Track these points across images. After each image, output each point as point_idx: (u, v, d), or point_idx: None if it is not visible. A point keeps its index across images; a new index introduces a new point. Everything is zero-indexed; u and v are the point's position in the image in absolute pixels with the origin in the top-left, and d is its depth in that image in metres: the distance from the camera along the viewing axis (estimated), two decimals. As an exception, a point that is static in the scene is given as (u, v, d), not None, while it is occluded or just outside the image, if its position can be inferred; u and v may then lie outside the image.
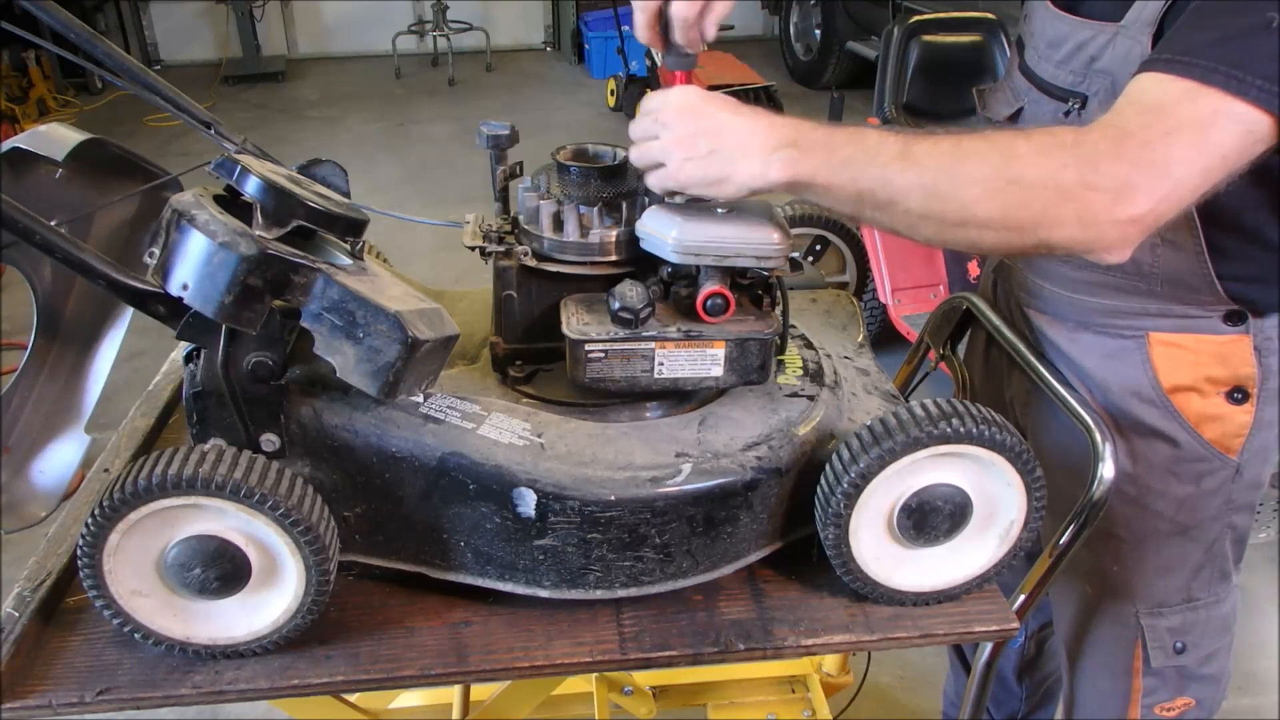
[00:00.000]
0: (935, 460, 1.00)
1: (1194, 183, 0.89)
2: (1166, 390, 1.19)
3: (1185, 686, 1.35)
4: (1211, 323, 1.16)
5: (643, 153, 1.01)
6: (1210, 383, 1.18)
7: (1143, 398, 1.21)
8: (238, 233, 0.88)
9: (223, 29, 7.53)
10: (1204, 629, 1.32)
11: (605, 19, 6.93)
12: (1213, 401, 1.18)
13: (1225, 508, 1.25)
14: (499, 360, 1.12)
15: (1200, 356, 1.17)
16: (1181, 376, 1.18)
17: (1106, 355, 1.22)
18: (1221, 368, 1.17)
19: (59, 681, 0.97)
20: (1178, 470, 1.23)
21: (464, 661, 1.01)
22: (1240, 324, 1.15)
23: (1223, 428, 1.19)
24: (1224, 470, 1.22)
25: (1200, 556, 1.28)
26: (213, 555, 0.93)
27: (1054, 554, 1.21)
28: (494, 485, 0.98)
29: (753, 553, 1.08)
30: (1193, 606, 1.31)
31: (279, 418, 0.99)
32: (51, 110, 6.42)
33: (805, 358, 1.20)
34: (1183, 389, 1.19)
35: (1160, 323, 1.18)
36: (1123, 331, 1.20)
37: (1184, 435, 1.20)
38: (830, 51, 6.55)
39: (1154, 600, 1.31)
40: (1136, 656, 1.33)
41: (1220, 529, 1.27)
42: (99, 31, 1.13)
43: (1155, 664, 1.33)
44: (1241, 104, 0.87)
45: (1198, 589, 1.30)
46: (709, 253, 1.00)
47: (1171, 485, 1.24)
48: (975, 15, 3.18)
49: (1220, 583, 1.31)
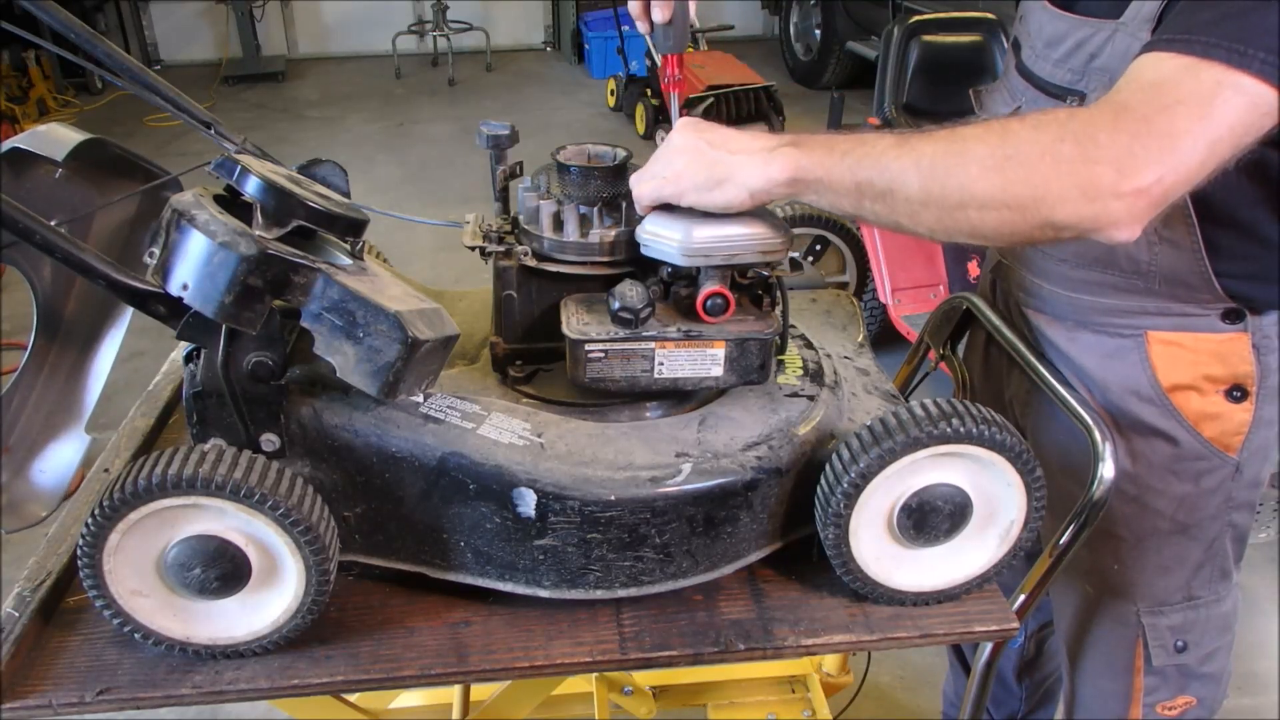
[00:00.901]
0: (935, 460, 1.00)
1: (1200, 155, 0.87)
2: (1165, 389, 1.19)
3: (1186, 685, 1.36)
4: (1210, 321, 1.16)
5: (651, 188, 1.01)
6: (1209, 381, 1.18)
7: (1142, 396, 1.21)
8: (238, 233, 0.88)
9: (223, 29, 7.53)
10: (1205, 627, 1.32)
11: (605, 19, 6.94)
12: (1212, 400, 1.18)
13: (1225, 506, 1.25)
14: (499, 360, 1.12)
15: (1199, 355, 1.17)
16: (1180, 375, 1.18)
17: (1105, 354, 1.22)
18: (1220, 366, 1.17)
19: (59, 681, 0.97)
20: (1177, 469, 1.23)
21: (464, 661, 1.01)
22: (1239, 322, 1.15)
23: (1222, 426, 1.19)
24: (1223, 469, 1.22)
25: (1200, 555, 1.28)
26: (213, 555, 0.93)
27: (1054, 554, 1.21)
28: (494, 485, 0.98)
29: (753, 553, 1.08)
30: (1193, 605, 1.31)
31: (279, 418, 0.99)
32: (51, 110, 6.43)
33: (805, 358, 1.20)
34: (1182, 388, 1.19)
35: (1159, 321, 1.18)
36: (1121, 330, 1.20)
37: (1183, 434, 1.20)
38: (830, 51, 6.56)
39: (1155, 599, 1.31)
40: (1137, 655, 1.34)
41: (1220, 527, 1.27)
42: (99, 31, 1.13)
43: (1156, 663, 1.33)
44: (1244, 76, 0.85)
45: (1198, 587, 1.30)
46: (716, 253, 1.00)
47: (1171, 484, 1.24)
48: (975, 15, 3.18)
49: (1221, 581, 1.31)
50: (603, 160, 1.10)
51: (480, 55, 7.79)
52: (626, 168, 1.09)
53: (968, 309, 1.42)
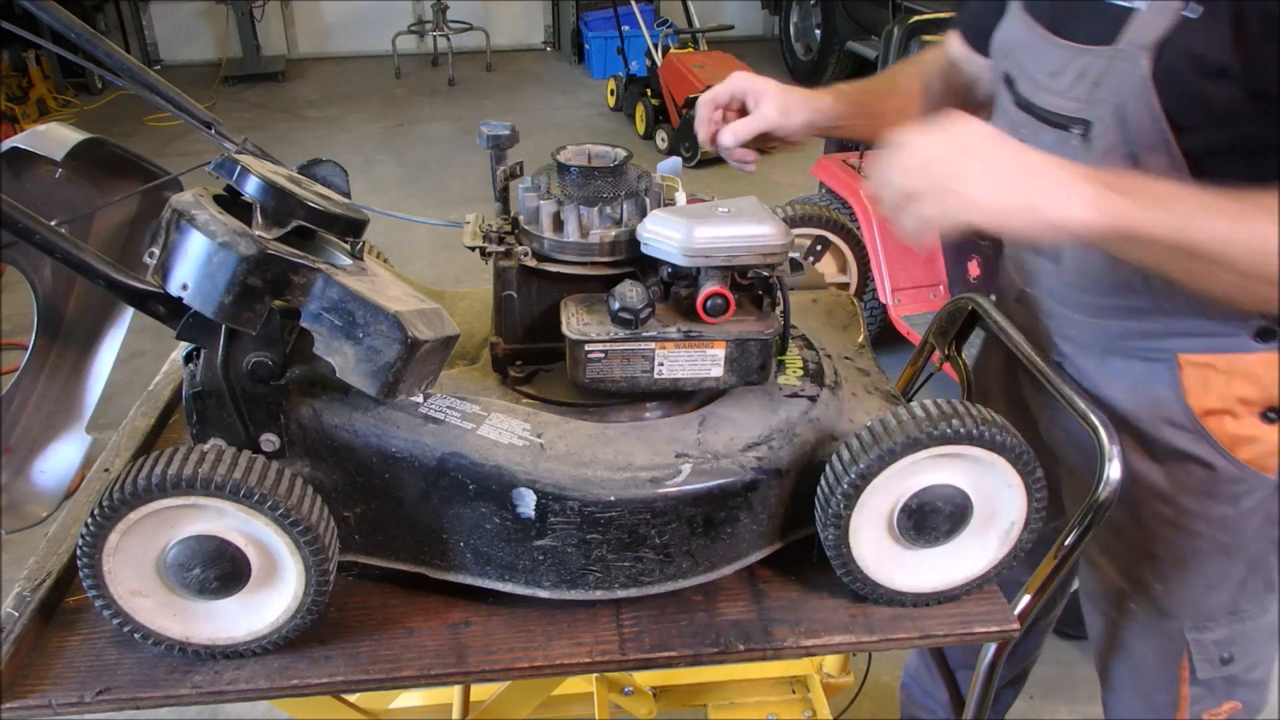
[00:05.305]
0: (935, 461, 1.00)
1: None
2: (1198, 415, 1.16)
3: (1232, 693, 1.34)
4: (1241, 340, 1.13)
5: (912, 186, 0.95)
6: (1243, 404, 1.15)
7: (1175, 424, 1.18)
8: (238, 233, 0.88)
9: (223, 29, 7.53)
10: (1251, 639, 1.31)
11: (605, 19, 6.94)
12: (1247, 423, 1.16)
13: (1267, 524, 1.23)
14: (499, 360, 1.12)
15: (1232, 378, 1.14)
16: (1213, 400, 1.15)
17: (1135, 380, 1.20)
18: (1254, 388, 1.14)
19: (59, 681, 0.97)
20: (1215, 492, 1.20)
21: (464, 662, 1.01)
22: (1271, 340, 1.12)
23: (1258, 448, 1.16)
24: (1262, 489, 1.19)
25: (1244, 572, 1.26)
26: (212, 555, 0.93)
27: (1059, 555, 1.20)
28: (494, 485, 0.98)
29: (753, 553, 1.08)
30: (1239, 619, 1.29)
31: (279, 418, 0.99)
32: (51, 110, 6.43)
33: (806, 358, 1.20)
34: (1215, 412, 1.16)
35: (1189, 343, 1.15)
36: (1151, 354, 1.17)
37: (1218, 459, 1.17)
38: (830, 51, 6.55)
39: (1200, 616, 1.29)
40: (1183, 668, 1.32)
41: (1263, 544, 1.24)
42: (99, 31, 1.13)
43: (1201, 675, 1.31)
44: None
45: (1243, 602, 1.28)
46: (716, 253, 1.00)
47: (1209, 507, 1.21)
48: (975, 15, 3.17)
49: (1266, 593, 1.29)
50: (603, 160, 1.10)
51: (480, 55, 7.79)
52: (627, 168, 1.09)
53: (973, 310, 1.42)
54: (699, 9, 6.16)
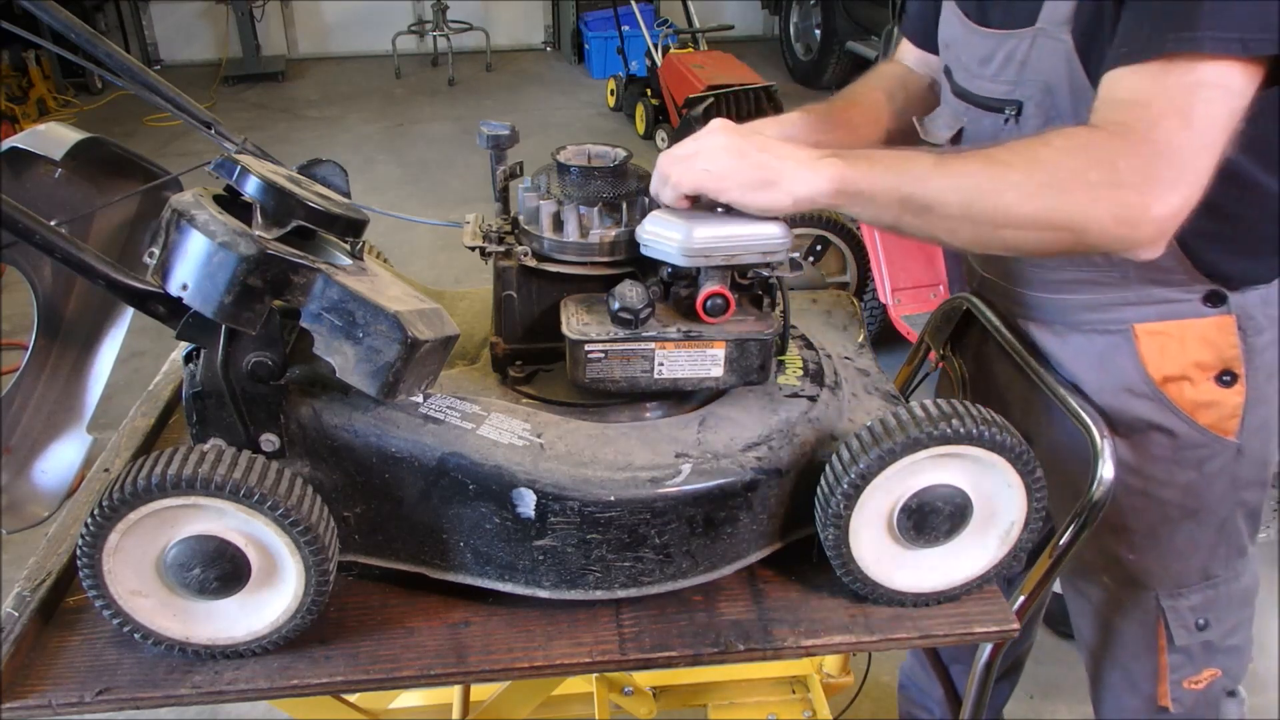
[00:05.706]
0: (935, 461, 1.00)
1: (1203, 159, 0.91)
2: (1158, 382, 1.21)
3: (1211, 659, 1.37)
4: (1193, 305, 1.17)
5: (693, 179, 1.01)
6: (1199, 369, 1.19)
7: (1136, 393, 1.22)
8: (237, 233, 0.88)
9: (223, 29, 7.54)
10: (1225, 604, 1.34)
11: (605, 19, 6.94)
12: (1204, 388, 1.20)
13: (1232, 487, 1.26)
14: (499, 360, 1.12)
15: (1186, 343, 1.19)
16: (1170, 367, 1.20)
17: (1097, 354, 1.24)
18: (1208, 352, 1.18)
19: (59, 681, 0.97)
20: (1179, 458, 1.24)
21: (464, 662, 1.01)
22: (1221, 304, 1.17)
23: (1217, 412, 1.21)
24: (1225, 453, 1.23)
25: (1213, 537, 1.30)
26: (212, 555, 0.93)
27: (1054, 554, 1.21)
28: (493, 485, 0.98)
29: (752, 553, 1.08)
30: (1212, 584, 1.33)
31: (279, 418, 0.99)
32: (51, 110, 6.43)
33: (805, 358, 1.20)
34: (1173, 379, 1.20)
35: (1143, 311, 1.19)
36: (1109, 327, 1.22)
37: (1180, 425, 1.22)
38: (830, 51, 6.56)
39: (1172, 583, 1.32)
40: (1160, 635, 1.35)
41: (1230, 508, 1.28)
42: (99, 31, 1.13)
43: (1179, 642, 1.34)
44: (1204, 63, 0.90)
45: (1215, 567, 1.32)
46: (716, 253, 1.00)
47: (1175, 473, 1.25)
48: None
49: (1237, 558, 1.32)
50: (603, 160, 1.10)
51: (480, 55, 7.79)
52: (627, 168, 1.09)
53: (968, 309, 1.42)
54: (699, 9, 6.16)
